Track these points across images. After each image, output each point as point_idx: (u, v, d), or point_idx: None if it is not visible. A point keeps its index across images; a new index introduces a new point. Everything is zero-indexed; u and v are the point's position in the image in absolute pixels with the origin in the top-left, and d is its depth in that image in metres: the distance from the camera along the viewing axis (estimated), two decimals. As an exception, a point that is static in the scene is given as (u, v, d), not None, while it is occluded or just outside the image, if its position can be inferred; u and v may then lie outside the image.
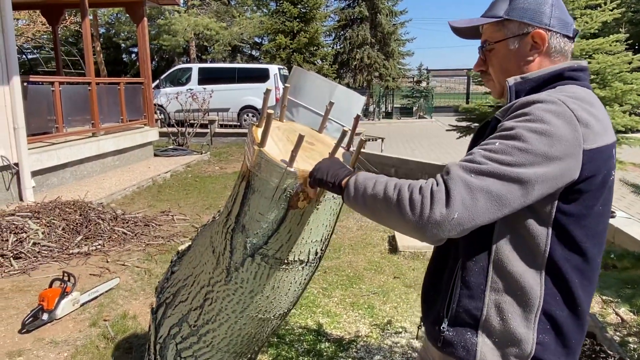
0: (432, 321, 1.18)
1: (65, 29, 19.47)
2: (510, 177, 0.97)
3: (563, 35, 1.15)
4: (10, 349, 2.89)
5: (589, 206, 1.06)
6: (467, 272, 1.11)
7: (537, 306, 1.07)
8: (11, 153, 5.78)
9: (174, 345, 1.75)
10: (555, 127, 0.98)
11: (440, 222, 0.96)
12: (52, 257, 4.27)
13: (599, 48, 5.63)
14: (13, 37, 5.81)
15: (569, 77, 1.13)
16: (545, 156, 0.97)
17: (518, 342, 1.08)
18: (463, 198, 0.96)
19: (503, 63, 1.19)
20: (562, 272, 1.07)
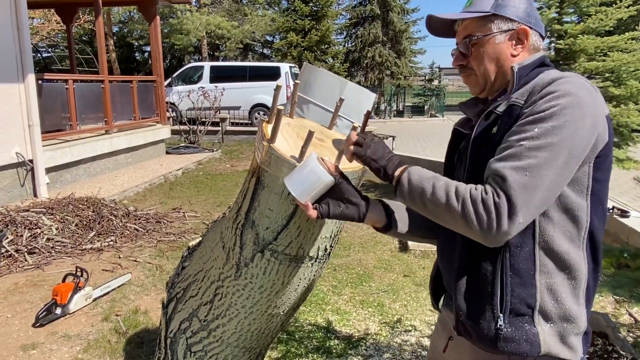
0: (483, 321, 1.11)
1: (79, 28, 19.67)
2: (559, 156, 1.00)
3: (539, 33, 1.24)
4: (24, 342, 2.93)
5: (608, 169, 1.11)
6: (514, 259, 1.08)
7: (585, 280, 1.09)
8: (26, 150, 5.86)
9: (185, 340, 1.76)
10: (582, 97, 1.03)
11: (509, 231, 0.99)
12: (66, 252, 4.33)
13: (614, 46, 5.56)
14: (28, 35, 5.88)
15: (548, 64, 1.21)
16: (582, 124, 1.01)
17: (573, 320, 1.08)
18: (526, 202, 0.99)
19: (488, 56, 1.22)
20: (596, 241, 1.10)
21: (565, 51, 5.68)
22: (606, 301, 3.63)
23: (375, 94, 1.67)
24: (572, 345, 1.09)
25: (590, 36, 5.51)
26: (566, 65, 5.77)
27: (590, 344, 1.15)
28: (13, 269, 3.97)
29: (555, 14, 5.77)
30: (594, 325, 2.39)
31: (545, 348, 1.07)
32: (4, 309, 3.34)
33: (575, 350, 1.09)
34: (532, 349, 1.07)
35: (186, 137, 11.58)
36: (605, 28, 5.64)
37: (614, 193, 7.08)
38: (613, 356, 2.05)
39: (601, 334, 2.29)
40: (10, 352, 2.83)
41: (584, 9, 5.71)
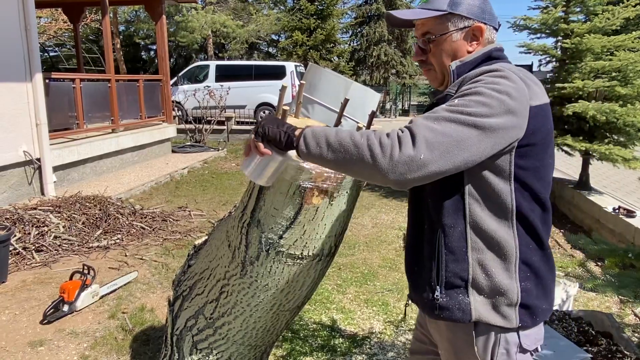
0: (423, 292, 1.26)
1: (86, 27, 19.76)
2: (468, 123, 1.07)
3: (493, 27, 1.30)
4: (32, 339, 2.96)
5: (541, 158, 1.19)
6: (448, 239, 1.20)
7: (515, 257, 1.19)
8: (34, 148, 5.90)
9: (191, 337, 1.78)
10: (507, 87, 1.11)
11: (408, 162, 1.04)
12: (73, 250, 4.37)
13: (621, 45, 5.53)
14: (36, 34, 5.92)
15: (497, 56, 1.28)
16: (500, 109, 1.08)
17: (505, 292, 1.19)
18: (427, 141, 1.05)
19: (445, 53, 1.29)
20: (529, 221, 1.19)
21: (571, 50, 5.66)
22: (611, 301, 3.63)
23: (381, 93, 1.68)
24: (505, 315, 1.19)
25: (597, 35, 5.49)
26: (572, 65, 5.75)
27: (539, 318, 1.22)
28: (21, 266, 4.01)
29: (561, 13, 5.75)
30: (598, 325, 2.39)
31: (476, 315, 1.19)
32: (12, 306, 3.38)
33: (509, 319, 1.19)
34: (463, 316, 1.20)
35: (192, 136, 11.61)
36: (612, 27, 5.61)
37: (620, 193, 7.05)
38: (617, 356, 2.05)
39: (605, 334, 2.29)
40: (19, 349, 2.86)
41: (590, 8, 5.69)
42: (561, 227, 5.53)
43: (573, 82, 5.42)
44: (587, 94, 5.47)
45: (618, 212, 4.84)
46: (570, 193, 6.02)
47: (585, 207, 5.54)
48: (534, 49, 5.93)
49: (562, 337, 2.30)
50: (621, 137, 5.54)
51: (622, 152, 5.17)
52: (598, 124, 5.32)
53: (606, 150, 5.17)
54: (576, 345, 2.23)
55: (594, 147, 5.32)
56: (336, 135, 1.11)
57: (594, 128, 5.54)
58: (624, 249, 2.15)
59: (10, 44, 5.57)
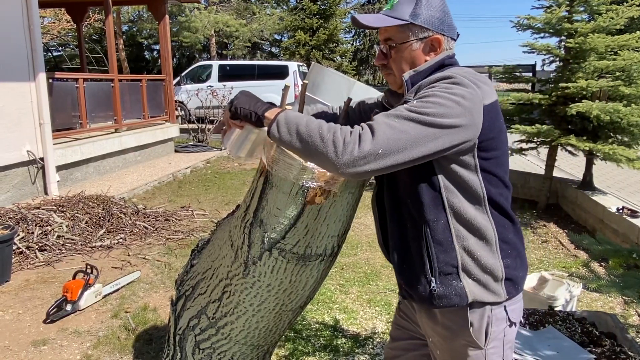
0: (419, 286, 1.34)
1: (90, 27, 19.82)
2: (426, 122, 1.15)
3: (451, 38, 1.38)
4: (35, 338, 2.97)
5: (499, 148, 1.31)
6: (434, 232, 1.29)
7: (495, 237, 1.31)
8: (37, 148, 5.92)
9: (193, 337, 1.78)
10: (461, 91, 1.20)
11: (367, 155, 1.13)
12: (76, 249, 4.38)
13: (625, 44, 5.51)
14: (39, 34, 5.94)
15: (449, 63, 1.36)
16: (456, 110, 1.17)
17: (491, 271, 1.30)
18: (386, 135, 1.14)
19: (405, 60, 1.37)
20: (499, 204, 1.32)
21: (575, 50, 5.64)
22: (615, 302, 3.61)
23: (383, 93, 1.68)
24: (495, 291, 1.31)
25: (601, 35, 5.46)
26: (576, 64, 5.73)
27: (520, 286, 1.36)
28: (24, 265, 4.02)
29: (565, 13, 5.73)
30: (602, 325, 2.38)
31: (472, 297, 1.30)
32: (15, 305, 3.39)
33: (498, 294, 1.31)
34: (461, 300, 1.30)
35: (195, 136, 11.63)
36: (616, 27, 5.59)
37: (624, 193, 7.03)
38: (621, 357, 2.04)
39: (609, 335, 2.28)
40: (22, 348, 2.87)
41: (594, 7, 5.66)
42: (564, 227, 5.51)
43: (577, 82, 5.40)
44: (590, 93, 5.44)
45: (622, 212, 4.82)
46: (573, 193, 6.00)
47: (588, 207, 5.52)
48: (537, 48, 5.91)
49: (565, 338, 2.29)
50: (625, 137, 5.52)
51: (626, 152, 5.14)
52: (602, 123, 5.30)
53: (610, 150, 5.15)
54: (580, 346, 2.22)
55: (597, 147, 5.30)
56: (306, 125, 1.19)
57: (597, 128, 5.52)
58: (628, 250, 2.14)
59: (13, 43, 5.59)
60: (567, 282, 3.09)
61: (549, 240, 5.12)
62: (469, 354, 1.34)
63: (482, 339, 1.32)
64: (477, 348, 1.33)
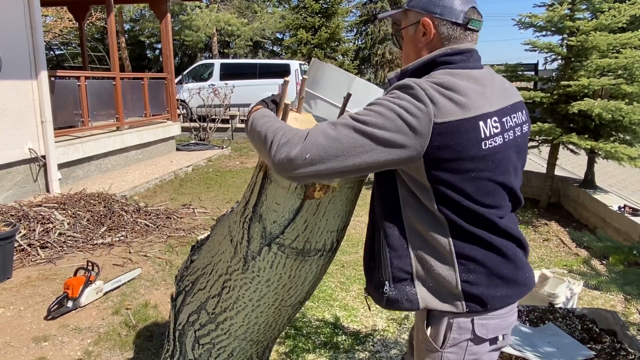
0: (375, 287, 1.32)
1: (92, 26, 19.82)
2: (363, 132, 1.11)
3: (452, 22, 1.24)
4: (36, 334, 2.98)
5: (460, 172, 1.17)
6: (390, 238, 1.27)
7: (450, 252, 1.23)
8: (39, 146, 5.93)
9: (193, 332, 1.79)
10: (409, 102, 1.12)
11: (294, 159, 1.11)
12: (77, 247, 4.39)
13: (627, 43, 5.49)
14: (41, 33, 5.95)
15: (443, 62, 1.23)
16: (395, 125, 1.11)
17: (446, 282, 1.24)
18: (317, 142, 1.12)
19: (406, 48, 1.34)
20: (457, 224, 1.21)
21: (577, 48, 5.62)
22: (616, 300, 3.61)
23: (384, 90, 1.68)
24: (450, 302, 1.25)
25: (603, 33, 5.45)
26: (578, 62, 5.72)
27: (491, 304, 1.24)
28: (26, 262, 4.03)
29: (567, 11, 5.71)
30: (603, 322, 2.37)
31: (423, 304, 1.26)
32: (17, 302, 3.40)
33: (455, 305, 1.25)
34: (411, 306, 1.27)
35: (196, 134, 11.64)
36: (618, 25, 5.57)
37: (626, 192, 7.01)
38: (621, 354, 2.04)
39: (609, 332, 2.28)
40: (23, 344, 2.88)
41: (596, 5, 5.65)
42: (566, 226, 5.51)
43: (579, 80, 5.38)
44: (592, 91, 5.43)
45: (624, 210, 4.82)
46: (575, 191, 5.99)
47: (590, 205, 5.51)
48: (539, 46, 5.89)
49: (565, 335, 2.29)
50: (627, 135, 5.51)
51: (628, 151, 5.13)
52: (604, 122, 5.28)
53: (612, 148, 5.14)
54: (580, 342, 2.22)
55: (599, 145, 5.28)
56: (262, 124, 1.23)
57: (599, 126, 5.51)
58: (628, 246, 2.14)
59: (15, 42, 5.60)
60: (567, 279, 3.09)
61: (550, 238, 5.12)
62: (426, 351, 1.32)
63: (439, 341, 1.28)
64: (434, 349, 1.29)
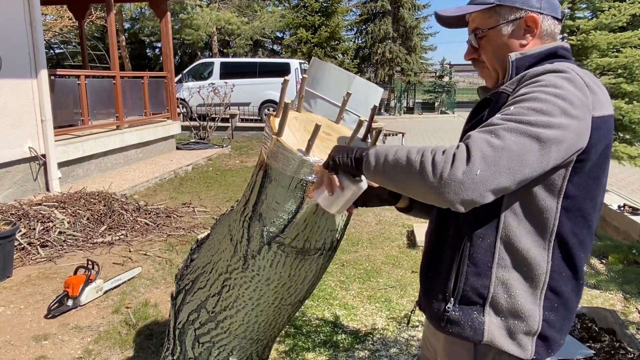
0: (434, 300, 1.17)
1: (91, 24, 19.81)
2: (530, 134, 0.95)
3: (553, 17, 1.17)
4: (36, 333, 2.98)
5: (596, 177, 1.07)
6: (474, 249, 1.10)
7: (544, 282, 1.08)
8: (39, 145, 5.93)
9: (193, 331, 1.79)
10: (568, 92, 0.99)
11: (463, 180, 0.93)
12: (77, 245, 4.39)
13: (627, 42, 5.49)
14: (41, 31, 5.95)
15: (562, 55, 1.15)
16: (561, 118, 0.97)
17: (525, 318, 1.08)
18: (484, 155, 0.94)
19: (497, 49, 1.19)
20: (569, 247, 1.08)
21: (577, 47, 5.62)
22: (615, 299, 3.61)
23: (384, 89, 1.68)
24: (521, 343, 1.09)
25: (603, 32, 5.45)
26: (578, 61, 5.72)
27: (554, 351, 1.12)
28: (26, 261, 4.03)
29: (567, 10, 5.71)
30: (602, 321, 2.38)
31: (489, 337, 1.09)
32: (17, 301, 3.40)
33: (524, 349, 1.09)
34: (474, 336, 1.10)
35: (196, 133, 11.64)
36: (619, 24, 5.57)
37: (626, 191, 7.01)
38: (620, 352, 2.05)
39: (609, 331, 2.28)
40: (23, 342, 2.88)
41: (597, 4, 5.64)
42: (566, 225, 5.50)
43: (578, 79, 5.38)
44: (592, 91, 5.43)
45: (623, 209, 4.82)
46: (575, 191, 5.99)
47: (590, 204, 5.50)
48: (539, 45, 5.89)
49: (565, 334, 2.29)
50: (627, 134, 5.50)
51: (628, 150, 5.13)
52: (603, 121, 5.28)
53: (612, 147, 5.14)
54: (579, 341, 2.22)
55: (599, 144, 5.28)
56: (395, 153, 1.03)
57: (599, 125, 5.50)
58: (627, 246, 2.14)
59: (15, 40, 5.60)
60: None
61: (550, 237, 5.12)
62: None
63: None
64: None
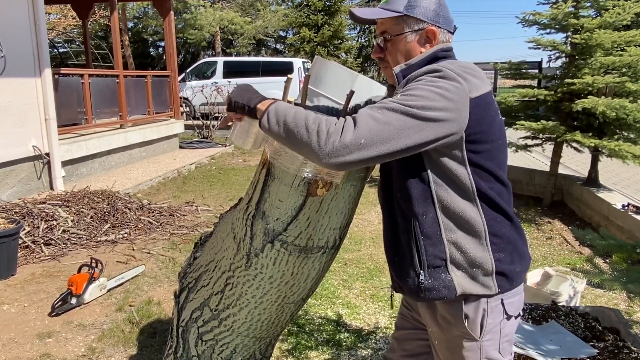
0: (408, 279, 1.34)
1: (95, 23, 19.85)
2: (409, 113, 1.15)
3: (447, 30, 1.38)
4: (40, 331, 3.00)
5: (491, 141, 1.29)
6: (423, 226, 1.30)
7: (484, 231, 1.30)
8: (43, 143, 5.95)
9: (196, 329, 1.79)
10: (445, 84, 1.19)
11: (349, 145, 1.12)
12: (81, 244, 4.41)
13: (632, 40, 5.46)
14: (45, 30, 5.96)
15: (442, 56, 1.35)
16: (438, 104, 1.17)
17: (480, 264, 1.30)
18: (369, 126, 1.14)
19: (400, 53, 1.38)
20: (490, 198, 1.30)
21: (581, 46, 5.60)
22: (619, 298, 3.60)
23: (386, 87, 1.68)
24: (484, 283, 1.31)
25: (607, 30, 5.42)
26: (582, 60, 5.69)
27: (515, 280, 1.34)
28: (30, 259, 4.05)
29: (571, 8, 5.69)
30: (606, 321, 2.37)
31: (460, 289, 1.30)
32: (21, 298, 3.42)
33: (488, 287, 1.31)
34: (449, 293, 1.30)
35: (199, 132, 11.65)
36: (623, 22, 5.54)
37: (630, 190, 6.98)
38: (624, 352, 2.04)
39: (612, 330, 2.27)
40: (27, 340, 2.89)
41: (601, 3, 5.62)
42: (569, 224, 5.49)
43: (582, 78, 5.36)
44: (596, 89, 5.41)
45: (627, 209, 4.80)
46: (579, 190, 5.97)
47: (594, 204, 5.49)
48: (543, 44, 5.87)
49: (568, 333, 2.28)
50: (631, 133, 5.48)
51: (632, 149, 5.11)
52: (608, 120, 5.26)
53: (616, 146, 5.12)
54: (583, 340, 2.21)
55: (603, 143, 5.26)
56: (294, 116, 1.20)
57: (603, 124, 5.49)
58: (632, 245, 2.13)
59: (19, 40, 5.62)
60: (570, 278, 3.08)
61: (554, 237, 5.11)
62: (464, 345, 1.35)
63: (477, 330, 1.33)
64: (472, 340, 1.34)
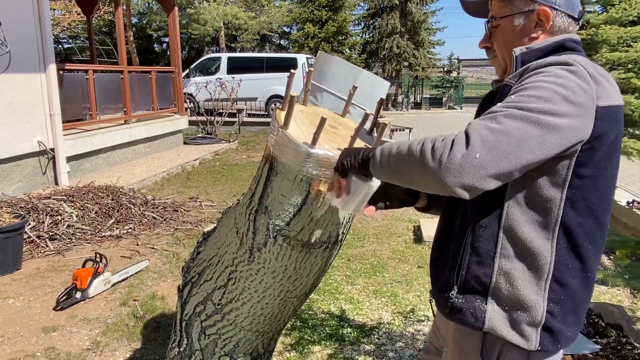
0: (440, 289, 1.19)
1: (100, 19, 19.88)
2: (530, 120, 0.94)
3: (568, 15, 1.15)
4: (45, 325, 3.02)
5: (603, 168, 1.05)
6: (476, 239, 1.10)
7: (547, 272, 1.06)
8: (47, 139, 5.98)
9: (199, 323, 1.80)
10: (570, 81, 0.99)
11: (462, 164, 0.92)
12: (85, 239, 4.43)
13: (638, 36, 5.42)
14: (49, 26, 5.98)
15: (570, 47, 1.13)
16: (563, 105, 0.96)
17: (528, 309, 1.07)
18: (484, 139, 0.93)
19: (507, 39, 1.18)
20: (574, 237, 1.06)
21: (587, 41, 5.57)
22: (623, 295, 3.59)
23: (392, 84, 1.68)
24: (524, 333, 1.08)
25: (613, 26, 5.39)
26: (588, 56, 5.66)
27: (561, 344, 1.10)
28: (35, 254, 4.08)
29: (577, 4, 5.65)
30: (609, 317, 2.37)
31: (489, 325, 1.09)
32: (26, 293, 3.44)
33: (528, 339, 1.08)
34: (475, 323, 1.10)
35: (203, 128, 11.67)
36: (629, 18, 5.50)
37: (635, 187, 6.96)
38: (627, 347, 2.04)
39: (615, 326, 2.27)
40: (32, 334, 2.92)
41: (610, -4, 5.58)
42: (573, 221, 5.47)
43: (588, 74, 5.33)
44: (602, 86, 5.38)
45: (632, 205, 4.78)
46: (583, 186, 5.94)
47: (598, 200, 5.46)
48: (548, 40, 5.83)
49: (571, 329, 2.28)
50: (637, 129, 5.44)
51: (637, 145, 5.08)
52: (613, 116, 5.23)
53: (621, 143, 5.09)
54: (585, 336, 2.21)
55: (608, 139, 5.23)
56: (399, 147, 1.04)
57: (608, 121, 5.45)
58: (635, 241, 2.13)
59: (24, 35, 5.63)
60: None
61: (558, 233, 5.09)
62: None
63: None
64: None
